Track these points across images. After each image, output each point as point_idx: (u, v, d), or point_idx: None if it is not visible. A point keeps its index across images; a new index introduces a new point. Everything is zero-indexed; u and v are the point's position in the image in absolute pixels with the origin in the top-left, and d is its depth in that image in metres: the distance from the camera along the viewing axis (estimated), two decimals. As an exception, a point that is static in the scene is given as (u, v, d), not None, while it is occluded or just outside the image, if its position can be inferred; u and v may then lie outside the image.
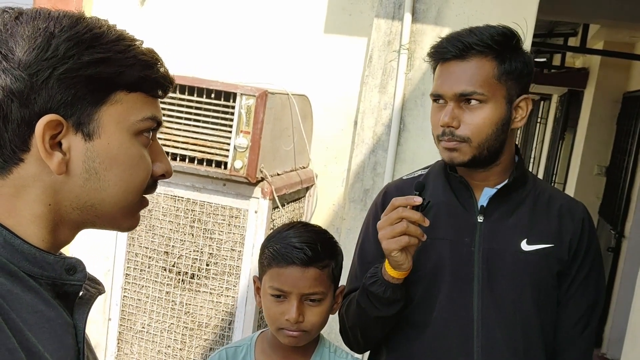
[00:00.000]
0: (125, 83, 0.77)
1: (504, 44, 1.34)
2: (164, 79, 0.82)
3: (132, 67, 0.77)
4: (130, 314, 2.68)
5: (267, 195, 2.48)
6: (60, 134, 0.74)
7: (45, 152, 0.73)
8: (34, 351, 0.69)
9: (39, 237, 0.75)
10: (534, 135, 11.63)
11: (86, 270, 0.78)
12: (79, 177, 0.76)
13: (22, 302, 0.71)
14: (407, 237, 1.24)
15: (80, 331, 0.77)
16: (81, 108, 0.75)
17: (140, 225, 2.60)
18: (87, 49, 0.74)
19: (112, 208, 0.79)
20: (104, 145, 0.76)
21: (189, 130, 2.48)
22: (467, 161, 1.35)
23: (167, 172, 0.86)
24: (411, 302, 1.41)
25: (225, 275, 2.54)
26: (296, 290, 1.35)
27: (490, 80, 1.33)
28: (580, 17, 5.07)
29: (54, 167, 0.74)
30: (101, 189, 0.77)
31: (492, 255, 1.38)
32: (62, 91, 0.73)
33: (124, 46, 0.77)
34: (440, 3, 2.90)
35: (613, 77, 6.14)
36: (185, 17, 3.26)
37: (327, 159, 3.15)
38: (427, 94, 2.90)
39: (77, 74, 0.73)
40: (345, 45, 3.10)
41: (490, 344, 1.36)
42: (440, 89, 1.35)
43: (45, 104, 0.72)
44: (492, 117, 1.33)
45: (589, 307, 1.42)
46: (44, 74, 0.72)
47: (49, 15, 0.75)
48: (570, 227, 1.41)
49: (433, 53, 1.39)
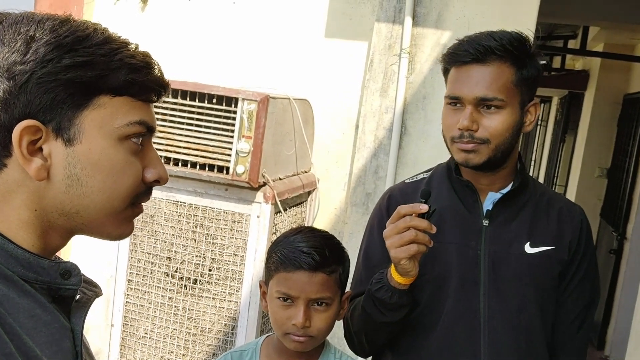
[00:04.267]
0: (109, 87, 0.75)
1: (521, 49, 1.35)
2: (155, 83, 0.79)
3: (118, 70, 0.75)
4: (133, 319, 2.68)
5: (269, 200, 2.48)
6: (41, 139, 0.73)
7: (23, 158, 0.72)
8: (32, 355, 0.68)
9: (28, 243, 0.74)
10: (535, 138, 11.63)
11: (81, 274, 0.77)
12: (61, 183, 0.74)
13: (19, 306, 0.70)
14: (416, 246, 1.24)
15: (77, 335, 0.77)
16: (61, 113, 0.73)
17: (143, 231, 2.60)
18: (67, 52, 0.72)
19: (97, 215, 0.77)
20: (85, 151, 0.74)
21: (190, 136, 2.48)
22: (482, 163, 1.35)
23: (161, 178, 0.82)
24: (417, 306, 1.41)
25: (228, 281, 2.54)
26: (303, 295, 1.35)
27: (508, 85, 1.34)
28: (580, 19, 5.08)
29: (33, 173, 0.72)
30: (84, 195, 0.75)
31: (498, 258, 1.39)
32: (40, 95, 0.71)
33: (109, 49, 0.75)
34: (440, 7, 2.90)
35: (613, 79, 6.14)
36: (186, 23, 3.27)
37: (329, 163, 3.14)
38: (428, 98, 2.90)
39: (56, 78, 0.71)
40: (346, 49, 3.10)
41: (497, 346, 1.36)
42: (460, 92, 1.35)
43: (24, 108, 0.71)
44: (510, 121, 1.34)
45: (585, 306, 1.45)
46: (23, 78, 0.71)
47: (32, 18, 0.73)
48: (570, 229, 1.43)
49: (450, 55, 1.38)
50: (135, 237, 2.62)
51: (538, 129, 11.24)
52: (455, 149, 1.37)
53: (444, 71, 1.42)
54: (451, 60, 1.38)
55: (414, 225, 1.24)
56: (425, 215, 1.25)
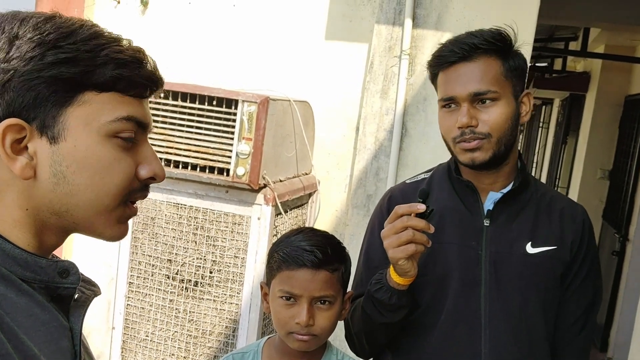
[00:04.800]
0: (95, 83, 0.74)
1: (503, 42, 1.37)
2: (145, 78, 0.78)
3: (103, 66, 0.74)
4: (134, 322, 2.67)
5: (269, 202, 2.48)
6: (25, 137, 0.72)
7: (6, 157, 0.71)
8: (30, 354, 0.68)
9: (23, 242, 0.74)
10: (536, 140, 11.63)
11: (80, 273, 0.77)
12: (48, 181, 0.74)
13: (17, 306, 0.70)
14: (414, 246, 1.23)
15: (76, 334, 0.77)
16: (45, 110, 0.72)
17: (143, 233, 2.60)
18: (50, 50, 0.71)
19: (86, 213, 0.76)
20: (70, 148, 0.73)
21: (190, 138, 2.48)
22: (489, 159, 1.35)
23: (156, 175, 0.81)
24: (418, 306, 1.41)
25: (229, 283, 2.54)
26: (307, 293, 1.34)
27: (499, 77, 1.35)
28: (580, 20, 5.08)
29: (18, 171, 0.72)
30: (72, 194, 0.75)
31: (499, 258, 1.38)
32: (23, 93, 0.71)
33: (95, 45, 0.74)
34: (440, 8, 2.90)
35: (614, 80, 6.14)
36: (187, 25, 3.27)
37: (330, 165, 3.14)
38: (428, 99, 2.90)
39: (39, 75, 0.71)
40: (346, 51, 3.10)
41: (498, 347, 1.36)
42: (453, 92, 1.35)
43: (7, 107, 0.71)
44: (507, 112, 1.35)
45: (587, 306, 1.44)
46: (5, 76, 0.70)
47: (16, 16, 0.73)
48: (572, 229, 1.43)
49: (437, 58, 1.39)
50: (136, 239, 2.62)
51: (540, 131, 11.24)
52: (459, 149, 1.36)
53: (432, 77, 1.43)
54: (438, 64, 1.39)
55: (411, 225, 1.23)
56: (423, 215, 1.25)
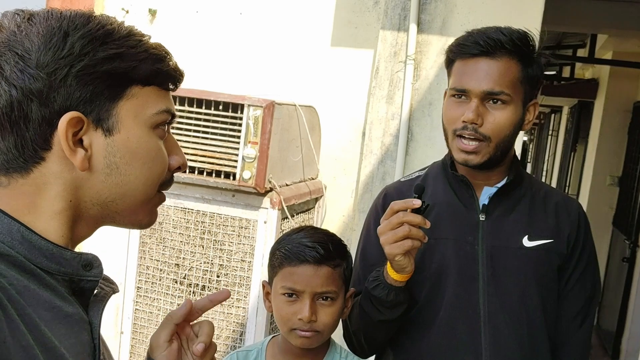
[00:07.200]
0: (139, 77, 0.78)
1: (528, 47, 1.35)
2: (175, 72, 0.84)
3: (145, 61, 0.78)
4: (142, 327, 2.69)
5: (276, 206, 2.49)
6: (82, 130, 0.75)
7: (69, 150, 0.74)
8: (50, 347, 0.69)
9: (58, 233, 0.76)
10: (546, 148, 11.59)
11: (102, 267, 0.79)
12: (101, 172, 0.77)
13: (39, 298, 0.71)
14: (410, 241, 1.23)
15: (95, 328, 0.78)
16: (100, 104, 0.76)
17: (151, 238, 2.62)
18: (101, 45, 0.75)
19: (132, 202, 0.80)
20: (123, 140, 0.77)
21: (197, 142, 2.50)
22: (483, 163, 1.35)
23: (182, 164, 0.87)
24: (416, 303, 1.41)
25: (236, 286, 2.55)
26: (309, 289, 1.34)
27: (515, 82, 1.33)
28: (587, 27, 5.08)
29: (78, 163, 0.75)
30: (122, 184, 0.78)
31: (496, 252, 1.38)
32: (80, 88, 0.74)
33: (135, 41, 0.78)
34: (445, 14, 2.92)
35: (623, 87, 6.12)
36: (194, 34, 3.31)
37: (336, 171, 3.16)
38: (434, 104, 2.91)
39: (94, 71, 0.74)
40: (352, 57, 3.13)
41: (498, 340, 1.36)
42: (467, 85, 1.33)
43: (64, 101, 0.73)
44: (512, 118, 1.34)
45: (587, 299, 1.44)
46: (62, 72, 0.73)
47: (61, 15, 0.76)
48: (567, 223, 1.43)
49: (459, 46, 1.36)
50: (143, 244, 2.65)
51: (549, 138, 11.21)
52: (456, 147, 1.36)
53: (448, 63, 1.40)
54: (458, 52, 1.36)
55: (407, 221, 1.23)
56: (419, 210, 1.24)
